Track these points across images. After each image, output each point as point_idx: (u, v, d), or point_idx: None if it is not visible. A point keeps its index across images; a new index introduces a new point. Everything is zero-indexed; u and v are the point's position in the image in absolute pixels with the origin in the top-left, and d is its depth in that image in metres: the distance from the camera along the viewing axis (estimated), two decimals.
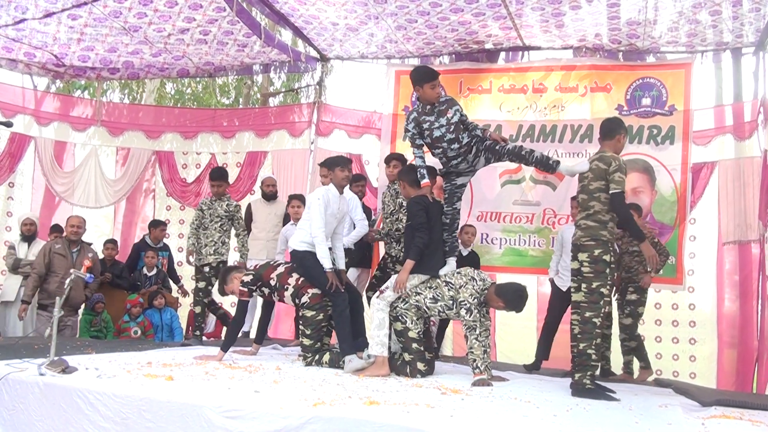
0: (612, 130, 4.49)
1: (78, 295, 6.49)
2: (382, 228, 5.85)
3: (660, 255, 5.81)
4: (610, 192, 4.28)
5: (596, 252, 4.27)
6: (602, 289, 4.24)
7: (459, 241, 6.12)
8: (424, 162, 4.80)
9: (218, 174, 6.37)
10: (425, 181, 4.75)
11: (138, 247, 7.60)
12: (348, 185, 5.22)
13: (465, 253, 6.19)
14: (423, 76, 4.75)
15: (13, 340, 5.71)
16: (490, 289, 4.50)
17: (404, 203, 5.67)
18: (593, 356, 4.23)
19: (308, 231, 4.88)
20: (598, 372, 4.57)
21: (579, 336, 4.27)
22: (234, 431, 3.05)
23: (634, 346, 5.78)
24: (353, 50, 7.83)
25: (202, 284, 6.11)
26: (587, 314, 4.25)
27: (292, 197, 6.58)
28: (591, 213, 4.36)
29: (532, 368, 5.69)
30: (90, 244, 7.06)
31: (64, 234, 6.83)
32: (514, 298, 4.45)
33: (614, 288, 5.58)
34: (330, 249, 4.94)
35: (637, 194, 6.89)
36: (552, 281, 5.93)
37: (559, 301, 5.80)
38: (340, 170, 5.00)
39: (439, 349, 6.42)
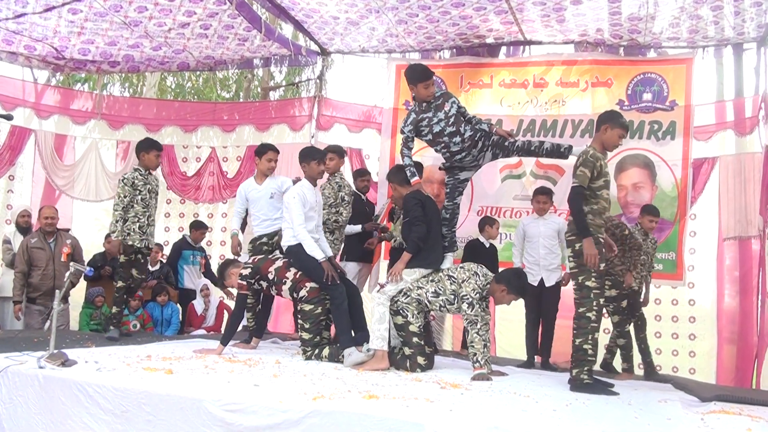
0: (600, 122, 4.50)
1: (62, 284, 6.47)
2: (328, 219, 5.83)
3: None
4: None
5: (577, 246, 4.27)
6: (588, 283, 4.23)
7: (482, 233, 6.33)
8: (411, 161, 4.81)
9: (160, 144, 6.01)
10: (416, 179, 4.78)
11: (179, 245, 7.65)
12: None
13: (487, 245, 6.31)
14: (417, 75, 4.73)
15: (12, 333, 5.72)
16: (492, 282, 4.53)
17: (346, 197, 5.80)
18: (589, 351, 4.21)
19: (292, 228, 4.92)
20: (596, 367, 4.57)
21: (575, 332, 4.28)
22: (233, 425, 3.06)
23: (622, 344, 5.64)
24: (354, 44, 7.81)
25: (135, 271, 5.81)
26: (580, 309, 4.26)
27: None
28: None
29: (527, 366, 5.66)
30: (68, 230, 7.01)
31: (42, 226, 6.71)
32: (514, 279, 4.51)
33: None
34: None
35: (638, 189, 6.89)
36: None
37: (531, 296, 5.65)
38: (316, 164, 5.08)
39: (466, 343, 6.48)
